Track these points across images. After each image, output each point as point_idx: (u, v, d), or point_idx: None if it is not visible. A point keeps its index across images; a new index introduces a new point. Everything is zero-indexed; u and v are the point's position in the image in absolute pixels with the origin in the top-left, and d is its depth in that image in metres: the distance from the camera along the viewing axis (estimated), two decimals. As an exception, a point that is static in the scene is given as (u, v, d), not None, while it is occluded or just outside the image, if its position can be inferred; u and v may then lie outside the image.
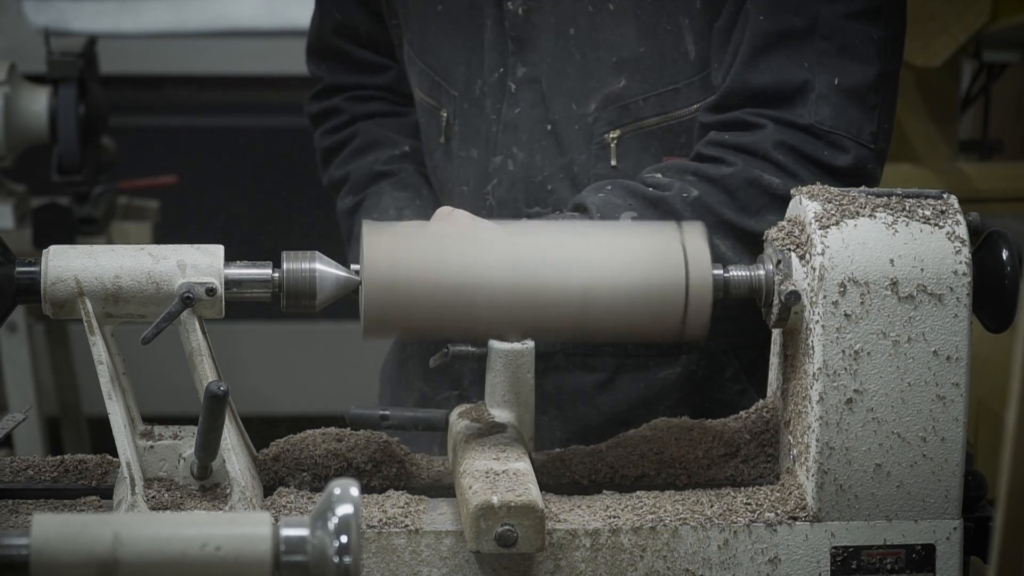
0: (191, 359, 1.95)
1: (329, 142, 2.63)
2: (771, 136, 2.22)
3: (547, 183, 2.37)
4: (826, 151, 2.21)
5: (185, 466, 1.95)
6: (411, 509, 1.96)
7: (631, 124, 2.33)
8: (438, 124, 2.46)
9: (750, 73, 2.24)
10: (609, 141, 2.33)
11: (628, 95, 2.32)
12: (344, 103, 2.63)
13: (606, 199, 2.22)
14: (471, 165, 2.42)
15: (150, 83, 5.61)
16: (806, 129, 2.21)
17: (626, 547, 1.93)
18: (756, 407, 2.12)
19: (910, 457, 1.94)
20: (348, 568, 1.48)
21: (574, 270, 1.97)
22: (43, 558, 1.46)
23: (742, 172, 2.21)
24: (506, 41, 2.37)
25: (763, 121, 2.23)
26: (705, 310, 1.97)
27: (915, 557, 1.95)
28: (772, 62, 2.23)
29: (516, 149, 2.37)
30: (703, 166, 2.24)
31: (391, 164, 2.55)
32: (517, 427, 2.04)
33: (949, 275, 1.93)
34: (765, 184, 2.20)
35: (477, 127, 2.41)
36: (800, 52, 2.22)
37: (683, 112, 2.32)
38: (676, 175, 2.24)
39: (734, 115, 2.25)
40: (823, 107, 2.21)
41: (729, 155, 2.23)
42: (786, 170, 2.21)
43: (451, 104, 2.44)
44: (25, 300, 1.95)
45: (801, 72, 2.22)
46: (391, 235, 1.99)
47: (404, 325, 1.99)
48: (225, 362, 2.00)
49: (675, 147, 2.33)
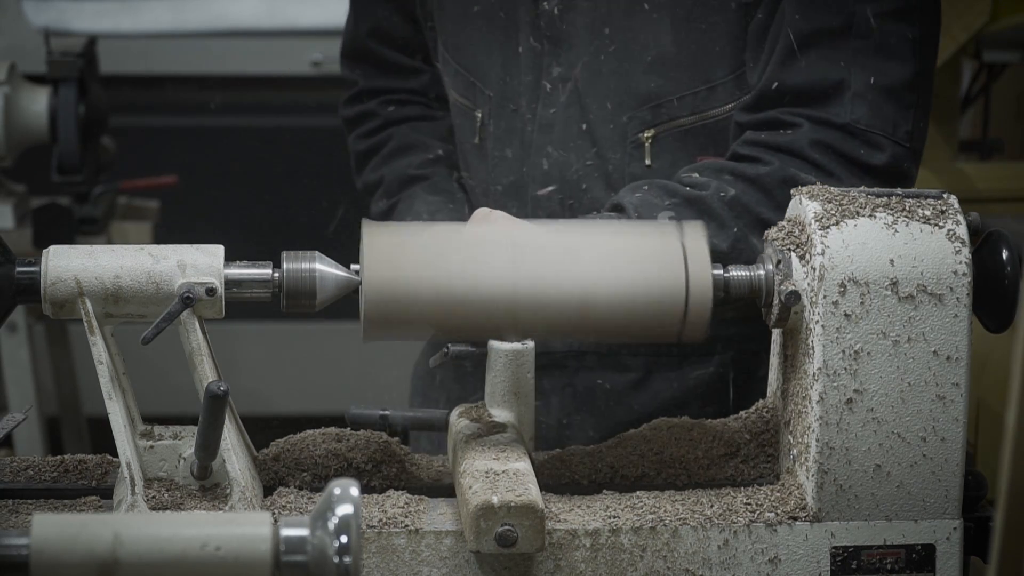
0: (191, 359, 1.95)
1: (363, 146, 2.63)
2: (807, 135, 2.23)
3: (582, 182, 2.37)
4: (862, 149, 2.22)
5: (185, 466, 1.95)
6: (411, 509, 1.96)
7: (666, 123, 2.33)
8: (472, 124, 2.47)
9: (786, 72, 2.24)
10: (644, 140, 2.34)
11: (663, 94, 2.33)
12: (378, 107, 2.63)
13: (643, 199, 2.23)
14: (506, 165, 2.43)
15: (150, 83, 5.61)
16: (842, 128, 2.22)
17: (626, 547, 1.93)
18: (756, 407, 2.12)
19: (910, 457, 1.94)
20: (348, 568, 1.48)
21: (574, 270, 1.97)
22: (43, 558, 1.46)
23: (779, 171, 2.22)
24: (541, 41, 2.38)
25: (799, 120, 2.24)
26: (705, 310, 1.97)
27: (915, 557, 1.95)
28: (808, 61, 2.24)
29: (551, 148, 2.38)
30: (740, 165, 2.25)
31: (424, 168, 2.55)
32: (517, 427, 2.04)
33: (949, 275, 1.93)
34: (802, 183, 2.20)
35: (512, 127, 2.42)
36: (836, 51, 2.23)
37: (717, 111, 2.32)
38: (713, 174, 2.24)
39: (770, 114, 2.26)
40: (859, 106, 2.22)
41: (766, 154, 2.24)
42: (822, 169, 2.21)
43: (486, 104, 2.44)
44: (25, 300, 1.95)
45: (837, 71, 2.23)
46: (391, 235, 1.99)
47: (404, 325, 1.99)
48: (225, 362, 2.00)
49: (709, 146, 2.34)
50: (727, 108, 2.32)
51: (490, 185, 2.45)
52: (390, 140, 2.60)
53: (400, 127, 2.61)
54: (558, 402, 2.45)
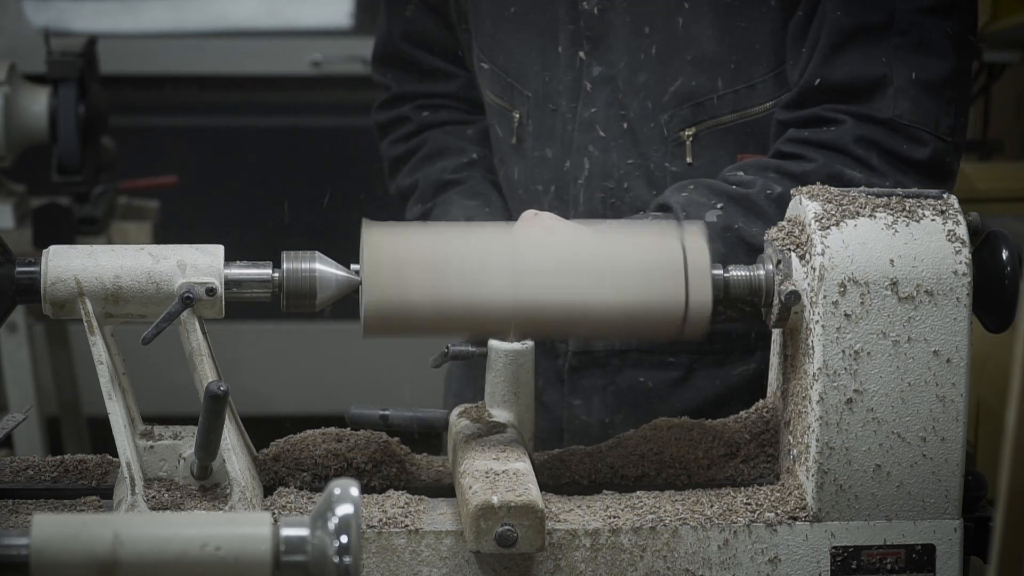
0: (191, 359, 1.95)
1: (397, 151, 2.63)
2: (851, 131, 2.23)
3: (623, 181, 2.38)
4: (905, 145, 2.22)
5: (185, 466, 1.95)
6: (411, 509, 1.96)
7: (707, 121, 2.34)
8: (510, 125, 2.47)
9: (828, 69, 2.25)
10: (685, 138, 2.34)
11: (704, 92, 2.33)
12: (412, 112, 2.63)
13: (690, 198, 2.23)
14: (546, 165, 2.43)
15: (150, 83, 5.61)
16: (885, 123, 2.23)
17: (626, 547, 1.93)
18: (756, 407, 2.12)
19: (910, 457, 1.94)
20: (348, 568, 1.48)
21: (574, 270, 1.97)
22: (43, 558, 1.46)
23: (824, 168, 2.22)
24: (581, 40, 2.38)
25: (842, 117, 2.24)
26: (705, 310, 1.97)
27: (915, 557, 1.95)
28: (849, 57, 2.24)
29: (592, 148, 2.38)
30: (785, 163, 2.25)
31: (459, 172, 2.55)
32: (517, 427, 2.04)
33: (949, 275, 1.93)
34: (847, 179, 2.21)
35: (552, 127, 2.42)
36: (877, 47, 2.24)
37: (758, 109, 2.33)
38: (758, 172, 2.25)
39: (812, 111, 2.26)
40: (902, 101, 2.23)
41: (810, 151, 2.24)
42: (867, 165, 2.22)
43: (524, 105, 2.44)
44: (25, 300, 1.95)
45: (879, 67, 2.23)
46: (391, 235, 1.99)
47: (404, 325, 1.99)
48: (225, 362, 2.00)
49: (750, 143, 2.35)
50: (767, 106, 2.33)
51: (529, 185, 2.45)
52: (424, 145, 2.60)
53: (434, 131, 2.60)
54: (600, 401, 2.45)
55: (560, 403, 2.48)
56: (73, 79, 3.95)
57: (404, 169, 2.61)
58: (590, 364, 2.45)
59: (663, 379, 2.43)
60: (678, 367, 2.42)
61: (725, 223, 2.19)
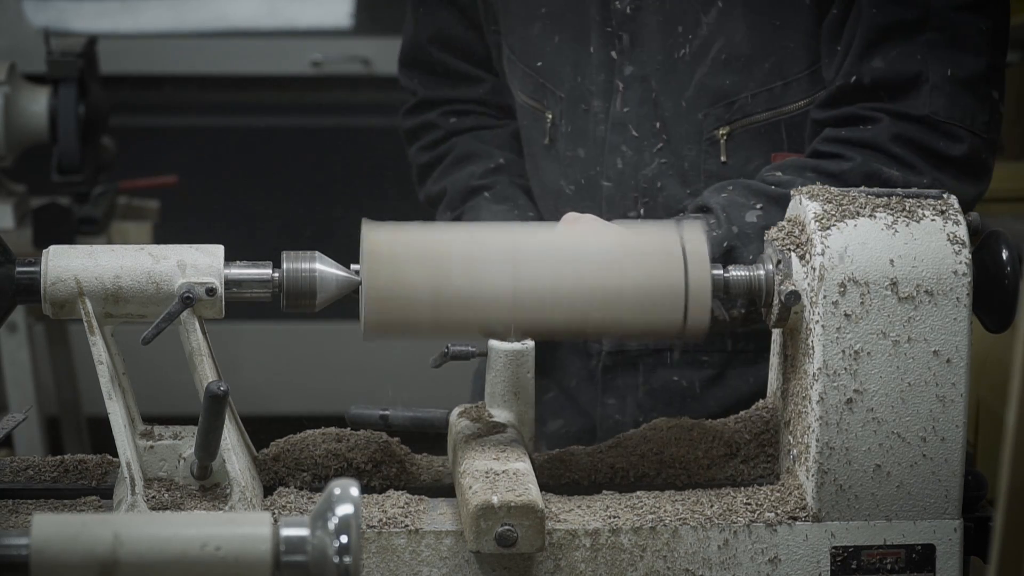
0: (191, 359, 1.95)
1: (425, 158, 2.61)
2: (888, 129, 2.24)
3: (657, 180, 2.38)
4: (941, 142, 2.23)
5: (185, 466, 1.95)
6: (411, 509, 1.96)
7: (740, 120, 2.34)
8: (542, 126, 2.47)
9: (863, 66, 2.25)
10: (719, 137, 2.35)
11: (737, 91, 2.33)
12: (439, 118, 2.61)
13: (730, 199, 2.23)
14: (578, 165, 2.43)
15: (150, 83, 5.61)
16: (921, 120, 2.23)
17: (626, 547, 1.93)
18: (756, 407, 2.12)
19: (910, 457, 1.94)
20: (348, 568, 1.48)
21: (574, 269, 1.97)
22: (43, 558, 1.46)
23: (861, 167, 2.23)
24: (613, 40, 2.38)
25: (878, 115, 2.25)
26: (705, 310, 1.97)
27: (915, 557, 1.95)
28: (885, 55, 2.24)
29: (625, 147, 2.38)
30: (822, 162, 2.26)
31: (487, 178, 2.54)
32: (517, 427, 2.04)
33: (949, 275, 1.93)
34: (885, 178, 2.21)
35: (584, 127, 2.42)
36: (912, 44, 2.24)
37: (792, 107, 2.33)
38: (796, 172, 2.25)
39: (848, 110, 2.27)
40: (938, 98, 2.23)
41: (847, 150, 2.25)
42: (904, 162, 2.23)
43: (556, 105, 2.44)
44: (25, 300, 1.95)
45: (914, 64, 2.24)
46: (391, 235, 1.99)
47: (404, 325, 1.99)
48: (225, 362, 2.00)
49: (784, 142, 2.35)
50: (801, 104, 2.33)
51: (562, 186, 2.45)
52: (451, 151, 2.59)
53: (461, 137, 2.59)
54: (633, 400, 2.45)
55: (594, 402, 2.48)
56: (73, 79, 3.96)
57: (432, 176, 2.60)
58: (624, 363, 2.45)
59: (697, 378, 2.43)
60: (712, 366, 2.42)
61: (765, 223, 2.18)
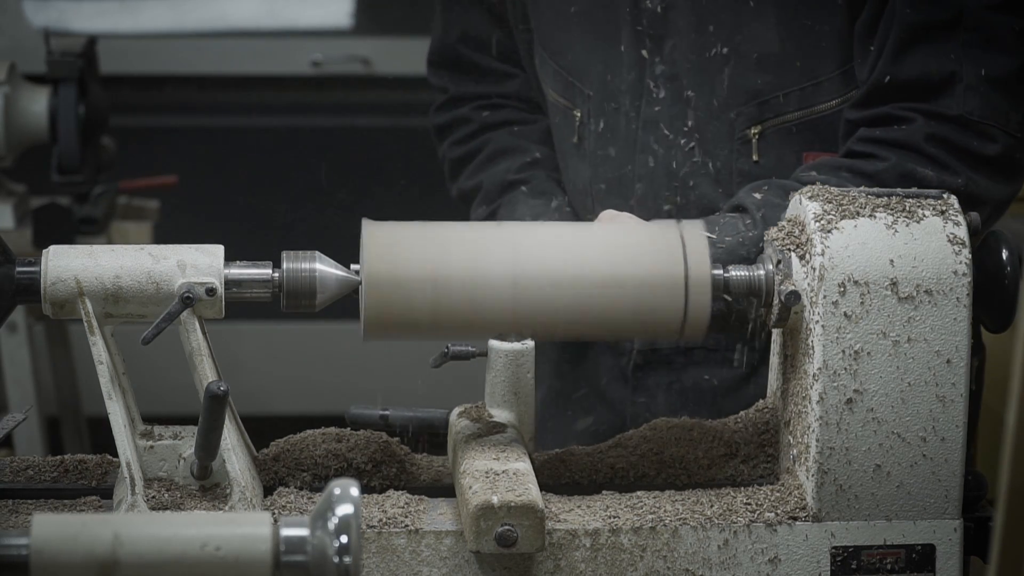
0: (191, 359, 1.95)
1: (458, 153, 2.61)
2: (922, 129, 2.24)
3: (688, 179, 2.38)
4: (975, 141, 2.24)
5: (185, 466, 1.95)
6: (411, 509, 1.96)
7: (772, 119, 2.34)
8: (571, 124, 2.47)
9: (897, 66, 2.26)
10: (751, 136, 2.35)
11: (769, 90, 2.34)
12: (472, 112, 2.61)
13: (765, 199, 2.24)
14: (609, 164, 2.43)
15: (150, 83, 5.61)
16: (955, 120, 2.24)
17: (626, 547, 1.93)
18: (756, 407, 2.12)
19: (910, 457, 1.94)
20: (348, 568, 1.48)
21: (574, 269, 1.97)
22: (43, 558, 1.46)
23: (896, 167, 2.23)
24: (644, 39, 2.38)
25: (912, 115, 2.25)
26: (705, 310, 1.97)
27: (915, 557, 1.95)
28: (919, 55, 2.25)
29: (656, 146, 2.38)
30: (857, 162, 2.26)
31: (523, 172, 2.54)
32: (517, 427, 2.04)
33: (949, 275, 1.93)
34: (919, 177, 2.22)
35: (614, 126, 2.42)
36: (946, 44, 2.25)
37: (823, 107, 2.34)
38: (831, 172, 2.26)
39: (882, 110, 2.27)
40: (971, 97, 2.24)
41: (881, 150, 2.25)
42: (938, 162, 2.23)
43: (585, 104, 2.44)
44: (25, 300, 1.95)
45: (948, 64, 2.24)
46: (391, 235, 1.99)
47: (404, 325, 1.99)
48: (225, 362, 2.00)
49: (815, 141, 2.36)
50: (833, 103, 2.34)
51: (591, 185, 2.45)
52: (486, 145, 2.58)
53: (496, 132, 2.59)
54: (664, 399, 2.45)
55: (624, 401, 2.47)
56: (73, 79, 3.95)
57: (466, 171, 2.60)
58: (655, 362, 2.45)
59: (728, 377, 2.43)
60: (742, 364, 2.42)
61: None
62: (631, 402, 2.47)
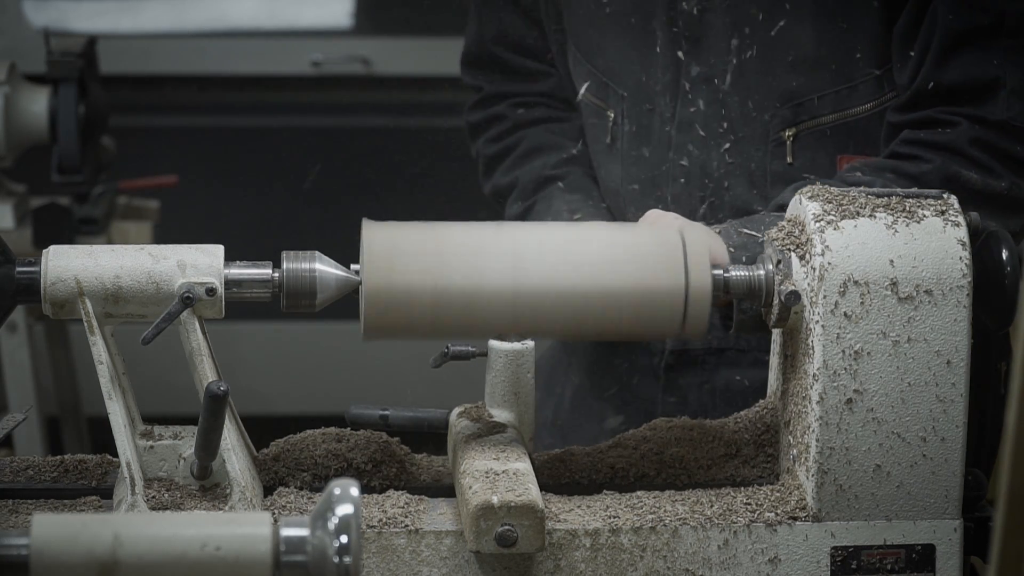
0: (191, 359, 1.95)
1: (493, 149, 2.61)
2: (967, 133, 2.25)
3: (723, 180, 2.38)
4: (1019, 146, 2.25)
5: (185, 466, 1.95)
6: (411, 509, 1.96)
7: (807, 122, 2.35)
8: (605, 124, 2.47)
9: (941, 72, 2.26)
10: (785, 139, 2.35)
11: (804, 93, 2.34)
12: (507, 110, 2.62)
13: None
14: (642, 164, 2.43)
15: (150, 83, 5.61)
16: (999, 125, 2.25)
17: (626, 547, 1.93)
18: (756, 407, 2.12)
19: (910, 457, 1.94)
20: (348, 568, 1.48)
21: (574, 270, 1.97)
22: (43, 558, 1.46)
23: (941, 169, 2.24)
24: (680, 40, 2.39)
25: (957, 119, 2.26)
26: (705, 310, 1.97)
27: (915, 557, 1.95)
28: (962, 60, 2.26)
29: (692, 147, 2.39)
30: (901, 164, 2.27)
31: (560, 168, 2.54)
32: (517, 427, 2.04)
33: (949, 275, 1.93)
34: (964, 180, 2.22)
35: (648, 126, 2.42)
36: (989, 50, 2.25)
37: (859, 110, 2.34)
38: (875, 173, 2.26)
39: (926, 114, 2.28)
40: (1015, 103, 2.25)
41: (926, 153, 2.26)
42: (983, 166, 2.24)
43: (619, 104, 2.44)
44: (25, 300, 1.95)
45: (991, 69, 2.25)
46: (391, 235, 1.99)
47: (404, 325, 1.99)
48: (225, 362, 2.00)
49: (849, 144, 2.36)
50: (868, 106, 2.35)
51: (625, 185, 2.45)
52: (521, 142, 2.59)
53: (532, 129, 2.59)
54: (696, 399, 2.45)
55: (655, 401, 2.48)
56: (73, 79, 3.95)
57: (501, 168, 2.60)
58: (686, 362, 2.45)
59: (759, 378, 2.42)
60: None
61: None
62: (662, 402, 2.47)
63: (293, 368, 5.62)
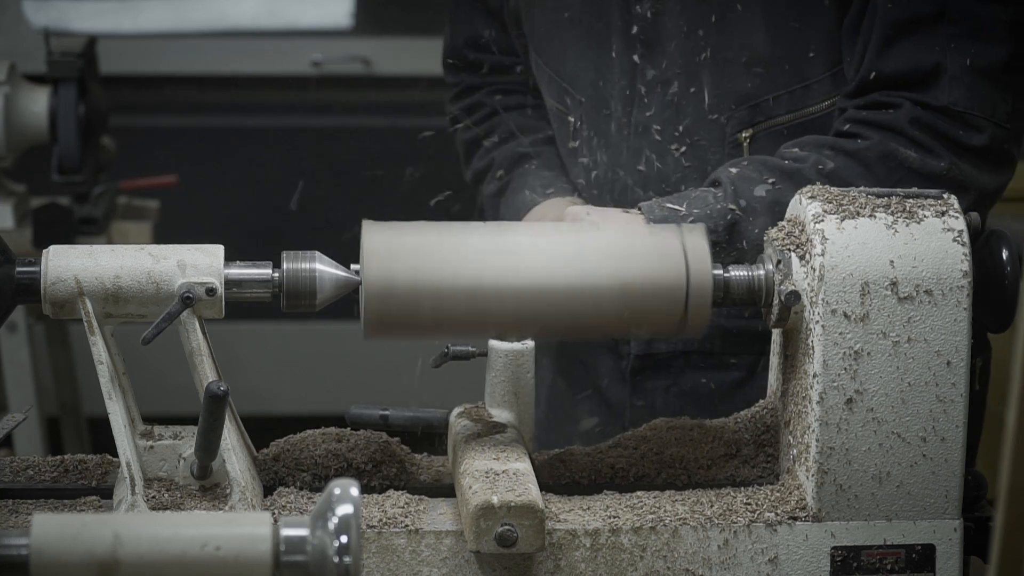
0: (191, 359, 1.95)
1: (472, 135, 2.64)
2: (908, 113, 2.25)
3: (681, 183, 2.38)
4: (962, 131, 2.24)
5: (185, 466, 1.95)
6: (411, 509, 1.96)
7: (763, 123, 2.35)
8: (567, 129, 2.47)
9: (883, 61, 2.26)
10: (742, 140, 2.35)
11: (759, 94, 2.34)
12: (486, 98, 2.64)
13: (741, 173, 2.25)
14: (601, 168, 2.44)
15: (150, 83, 5.61)
16: (941, 110, 2.24)
17: (626, 547, 1.93)
18: (756, 407, 2.12)
19: (910, 457, 1.94)
20: (348, 568, 1.48)
21: (575, 269, 1.97)
22: (43, 558, 1.46)
23: (878, 146, 2.24)
24: (635, 44, 2.38)
25: (899, 100, 2.26)
26: (705, 310, 1.97)
27: (915, 557, 1.95)
28: (904, 48, 2.26)
29: (648, 151, 2.38)
30: (840, 140, 2.27)
31: (536, 146, 2.56)
32: (517, 427, 2.04)
33: (949, 275, 1.93)
34: (901, 158, 2.22)
35: (606, 131, 2.43)
36: (931, 37, 2.25)
37: (814, 109, 2.34)
38: (813, 149, 2.27)
39: (871, 98, 2.28)
40: (957, 88, 2.24)
41: (866, 130, 2.26)
42: (922, 146, 2.24)
43: (578, 109, 2.45)
44: (25, 300, 1.95)
45: (933, 55, 2.25)
46: (391, 235, 1.99)
47: (404, 325, 1.99)
48: (225, 362, 2.00)
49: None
50: (824, 105, 2.34)
51: (587, 189, 2.46)
52: (498, 127, 2.61)
53: (508, 114, 2.61)
54: (662, 402, 2.45)
55: (624, 403, 2.48)
56: (73, 79, 3.95)
57: (479, 152, 2.62)
58: (652, 366, 2.45)
59: (725, 380, 2.43)
60: (740, 368, 2.43)
61: (774, 197, 2.19)
62: (630, 405, 2.47)
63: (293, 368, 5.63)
